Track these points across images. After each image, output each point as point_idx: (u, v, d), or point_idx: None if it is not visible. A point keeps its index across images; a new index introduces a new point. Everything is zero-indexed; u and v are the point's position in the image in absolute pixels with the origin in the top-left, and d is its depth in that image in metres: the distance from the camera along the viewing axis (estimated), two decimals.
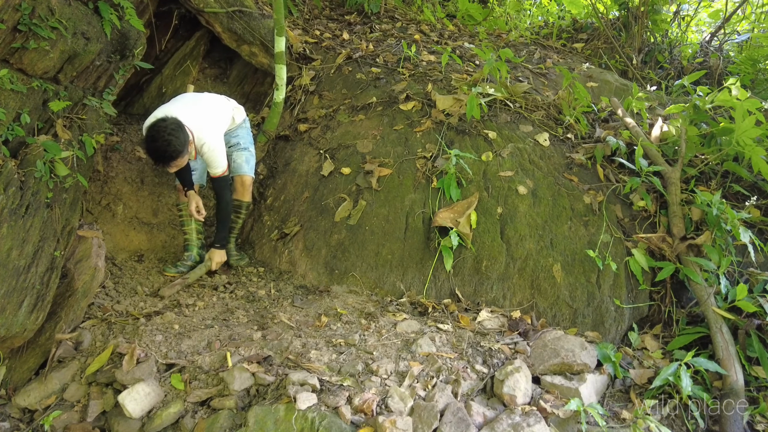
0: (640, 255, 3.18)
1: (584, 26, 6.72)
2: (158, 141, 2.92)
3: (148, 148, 2.98)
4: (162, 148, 2.93)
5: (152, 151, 2.96)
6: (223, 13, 4.24)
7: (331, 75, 4.71)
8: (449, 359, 2.49)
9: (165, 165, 3.04)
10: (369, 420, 2.07)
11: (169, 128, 2.95)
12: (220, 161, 3.29)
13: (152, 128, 2.97)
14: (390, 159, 3.77)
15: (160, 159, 2.98)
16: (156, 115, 3.14)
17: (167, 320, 2.83)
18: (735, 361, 2.59)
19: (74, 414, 2.33)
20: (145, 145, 3.00)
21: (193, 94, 3.61)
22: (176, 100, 3.36)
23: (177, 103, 3.29)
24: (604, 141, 3.79)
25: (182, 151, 3.00)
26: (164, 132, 2.93)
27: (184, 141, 3.00)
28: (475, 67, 4.75)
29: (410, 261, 3.33)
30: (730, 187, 3.55)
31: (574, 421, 2.19)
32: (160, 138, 2.92)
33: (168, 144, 2.93)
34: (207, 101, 3.44)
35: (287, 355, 2.48)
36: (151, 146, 2.95)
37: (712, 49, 5.99)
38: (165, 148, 2.93)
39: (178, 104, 3.27)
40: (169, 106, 3.24)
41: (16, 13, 2.71)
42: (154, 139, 2.93)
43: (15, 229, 2.47)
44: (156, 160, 3.01)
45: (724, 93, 3.44)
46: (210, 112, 3.35)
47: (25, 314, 2.37)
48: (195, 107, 3.29)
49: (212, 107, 3.40)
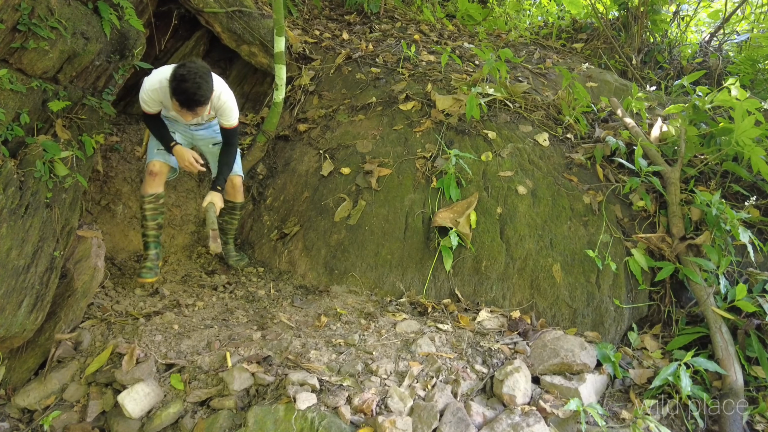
0: (640, 255, 3.18)
1: (584, 26, 6.72)
2: (189, 81, 2.68)
3: (178, 88, 2.70)
4: (192, 90, 2.70)
5: (181, 92, 2.71)
6: (223, 13, 4.24)
7: (331, 75, 4.71)
8: (449, 359, 2.49)
9: (191, 109, 2.81)
10: (368, 420, 2.07)
11: (200, 71, 2.74)
12: (236, 111, 3.16)
13: (182, 67, 2.71)
14: (390, 159, 3.77)
15: (188, 101, 2.75)
16: (161, 70, 2.95)
17: (167, 320, 2.83)
18: (734, 361, 2.59)
19: (74, 414, 2.33)
20: (174, 84, 2.71)
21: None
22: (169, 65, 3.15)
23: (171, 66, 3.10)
24: (604, 141, 3.79)
25: (209, 97, 2.83)
26: (195, 74, 2.70)
27: (211, 88, 2.84)
28: (475, 67, 4.76)
29: (410, 261, 3.33)
30: (729, 187, 3.55)
31: (573, 421, 2.19)
32: (190, 79, 2.68)
33: (198, 87, 2.72)
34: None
35: (287, 355, 2.48)
36: (180, 86, 2.69)
37: (712, 50, 6.00)
38: (195, 91, 2.71)
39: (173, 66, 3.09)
40: (168, 68, 3.03)
41: (15, 13, 2.71)
42: (184, 78, 2.68)
43: (14, 229, 2.47)
44: (184, 103, 2.76)
45: (723, 93, 3.44)
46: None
47: (25, 314, 2.37)
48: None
49: None
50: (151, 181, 3.22)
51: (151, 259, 3.27)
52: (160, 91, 2.94)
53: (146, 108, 3.02)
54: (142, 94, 2.97)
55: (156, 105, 3.02)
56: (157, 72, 2.99)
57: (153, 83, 2.93)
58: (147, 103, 2.99)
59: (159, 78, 2.93)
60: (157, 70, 3.00)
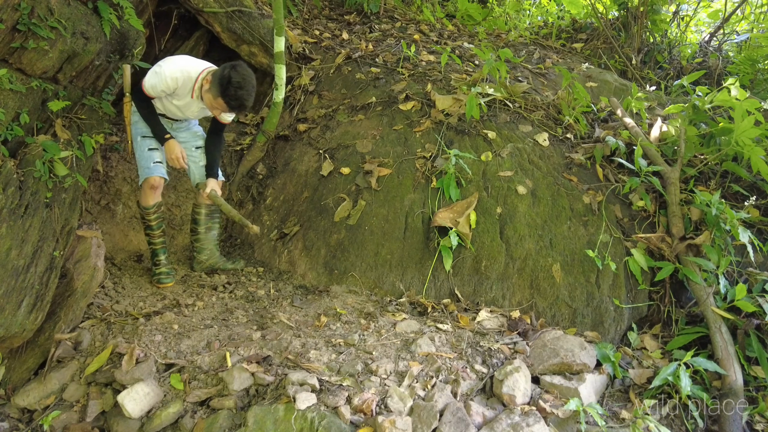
0: (640, 255, 3.18)
1: (583, 26, 6.72)
2: (244, 89, 2.78)
3: (234, 94, 2.78)
4: (246, 97, 2.81)
5: (236, 98, 2.80)
6: (223, 12, 4.24)
7: (331, 75, 4.71)
8: (448, 359, 2.49)
9: (239, 111, 2.93)
10: (368, 420, 2.07)
11: (251, 79, 2.83)
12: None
13: (237, 73, 2.78)
14: (389, 159, 3.77)
15: (240, 107, 2.85)
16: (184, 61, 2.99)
17: (166, 320, 2.82)
18: (734, 361, 2.59)
19: (73, 414, 2.33)
20: (231, 90, 2.77)
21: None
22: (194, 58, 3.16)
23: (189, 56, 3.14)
24: (604, 141, 3.79)
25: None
26: (249, 83, 2.80)
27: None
28: (475, 67, 4.76)
29: (409, 261, 3.33)
30: (729, 187, 3.55)
31: (573, 420, 2.20)
32: (245, 87, 2.79)
33: (250, 95, 2.82)
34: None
35: (286, 355, 2.48)
36: (237, 93, 2.78)
37: (712, 50, 6.00)
38: (248, 98, 2.82)
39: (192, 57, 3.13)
40: (197, 59, 3.10)
41: (15, 13, 2.71)
42: (240, 86, 2.77)
43: (14, 228, 2.46)
44: (235, 108, 2.87)
45: (723, 93, 3.45)
46: None
47: (24, 314, 2.37)
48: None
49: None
50: (152, 193, 3.23)
51: (164, 264, 3.35)
52: (180, 80, 2.95)
53: (151, 91, 2.99)
54: (156, 80, 2.93)
55: (163, 92, 3.00)
56: (177, 59, 2.98)
57: (174, 71, 2.92)
58: (156, 88, 2.95)
59: (182, 68, 2.93)
60: (176, 58, 2.99)
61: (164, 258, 3.36)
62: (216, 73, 2.87)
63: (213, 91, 2.86)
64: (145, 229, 3.34)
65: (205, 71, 2.99)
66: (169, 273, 3.34)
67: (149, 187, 3.20)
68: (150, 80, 2.95)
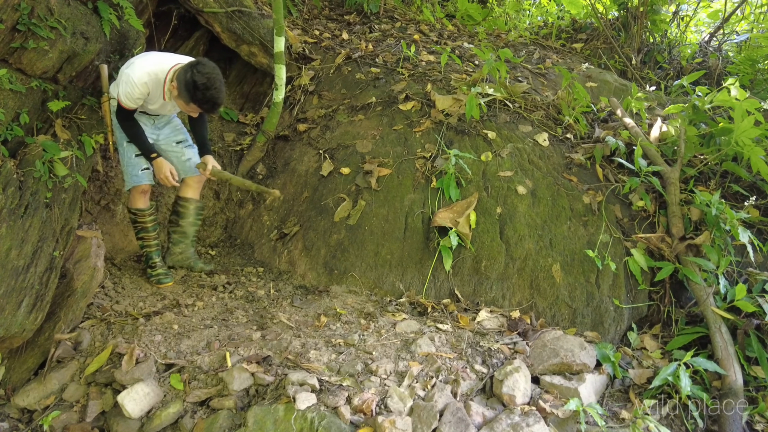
0: (640, 255, 3.18)
1: (583, 26, 6.72)
2: (212, 89, 2.72)
3: (204, 97, 2.72)
4: (217, 96, 2.74)
5: (207, 100, 2.74)
6: (223, 13, 4.24)
7: (331, 75, 4.71)
8: (448, 359, 2.49)
9: (214, 112, 2.87)
10: (368, 420, 2.07)
11: (217, 74, 2.76)
12: None
13: (199, 74, 2.70)
14: (389, 159, 3.77)
15: (214, 107, 2.80)
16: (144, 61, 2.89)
17: (166, 320, 2.82)
18: (734, 361, 2.59)
19: (73, 414, 2.33)
20: (199, 93, 2.71)
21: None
22: (146, 53, 3.05)
23: (156, 53, 3.04)
24: (604, 141, 3.79)
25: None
26: (215, 79, 2.73)
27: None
28: (475, 67, 4.76)
29: (409, 261, 3.33)
30: (729, 187, 3.55)
31: (573, 421, 2.20)
32: (213, 86, 2.71)
33: (220, 91, 2.75)
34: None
35: (286, 355, 2.48)
36: (206, 95, 2.72)
37: (711, 50, 6.00)
38: (219, 95, 2.75)
39: (159, 53, 3.04)
40: (150, 54, 3.00)
41: (15, 13, 2.71)
42: (207, 86, 2.70)
43: (14, 229, 2.46)
44: (210, 108, 2.81)
45: (723, 93, 3.45)
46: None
47: (24, 314, 2.37)
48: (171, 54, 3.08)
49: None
50: (143, 197, 3.24)
51: (160, 266, 3.35)
52: (150, 84, 2.87)
53: (129, 104, 2.89)
54: (128, 89, 2.81)
55: (141, 100, 2.92)
56: (140, 63, 2.86)
57: (141, 76, 2.82)
58: (132, 99, 2.86)
59: (147, 70, 2.83)
60: (139, 61, 2.87)
61: (159, 260, 3.36)
62: (179, 78, 2.77)
63: (183, 97, 2.78)
64: (140, 231, 3.31)
65: (171, 72, 2.88)
66: (167, 273, 3.35)
67: (139, 192, 3.21)
68: (123, 90, 2.85)
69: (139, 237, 3.35)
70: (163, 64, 2.90)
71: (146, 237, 3.32)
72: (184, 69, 2.77)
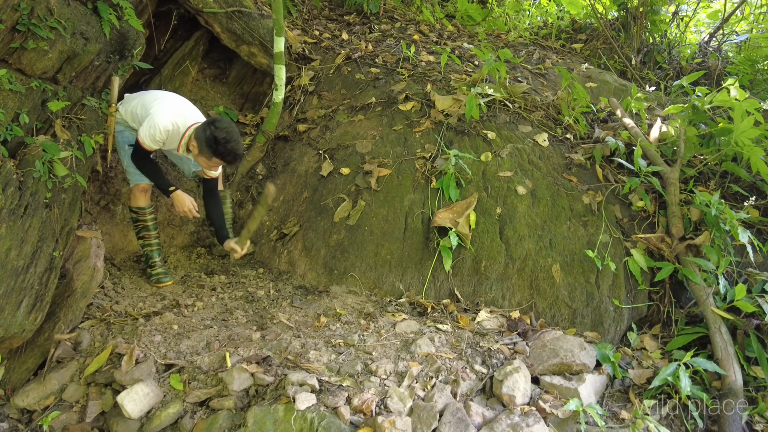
0: (639, 255, 3.18)
1: (583, 27, 6.73)
2: (232, 141, 2.90)
3: (226, 150, 2.90)
4: (237, 148, 2.93)
5: (229, 153, 2.92)
6: (222, 13, 4.24)
7: (331, 75, 4.71)
8: (448, 359, 2.49)
9: (235, 163, 3.10)
10: (368, 420, 2.07)
11: (234, 128, 2.95)
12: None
13: (219, 130, 2.89)
14: (389, 159, 3.77)
15: (236, 158, 3.00)
16: (169, 110, 3.06)
17: (166, 320, 2.82)
18: (734, 361, 2.60)
19: (73, 414, 2.33)
20: (221, 147, 2.89)
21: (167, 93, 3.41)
22: (169, 97, 3.24)
23: (178, 100, 3.23)
24: (603, 141, 3.80)
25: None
26: (233, 132, 2.92)
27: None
28: (474, 68, 4.76)
29: (409, 261, 3.33)
30: (728, 187, 3.55)
31: (573, 421, 2.20)
32: (233, 139, 2.90)
33: (239, 143, 2.94)
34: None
35: (286, 355, 2.48)
36: (227, 148, 2.90)
37: (711, 50, 6.00)
38: (238, 147, 2.94)
39: (181, 101, 3.23)
40: (173, 100, 3.18)
41: (15, 13, 2.71)
42: (227, 140, 2.89)
43: (14, 229, 2.46)
44: (233, 160, 3.00)
45: (722, 93, 3.45)
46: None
47: (24, 315, 2.37)
48: (189, 104, 3.27)
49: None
50: (144, 195, 3.33)
51: (160, 265, 3.39)
52: (173, 133, 3.08)
53: (150, 146, 3.07)
54: (152, 132, 3.02)
55: (161, 143, 3.11)
56: (165, 111, 3.05)
57: (166, 125, 3.02)
58: (154, 141, 3.05)
59: (172, 120, 3.04)
60: (164, 110, 3.05)
61: (159, 259, 3.39)
62: (199, 136, 2.95)
63: (205, 153, 2.96)
64: (141, 230, 3.35)
65: (191, 129, 3.08)
66: (167, 273, 3.37)
67: (140, 190, 3.30)
68: (147, 133, 3.02)
69: (139, 236, 3.38)
70: (187, 119, 3.12)
71: (147, 236, 3.35)
72: (202, 128, 2.97)
